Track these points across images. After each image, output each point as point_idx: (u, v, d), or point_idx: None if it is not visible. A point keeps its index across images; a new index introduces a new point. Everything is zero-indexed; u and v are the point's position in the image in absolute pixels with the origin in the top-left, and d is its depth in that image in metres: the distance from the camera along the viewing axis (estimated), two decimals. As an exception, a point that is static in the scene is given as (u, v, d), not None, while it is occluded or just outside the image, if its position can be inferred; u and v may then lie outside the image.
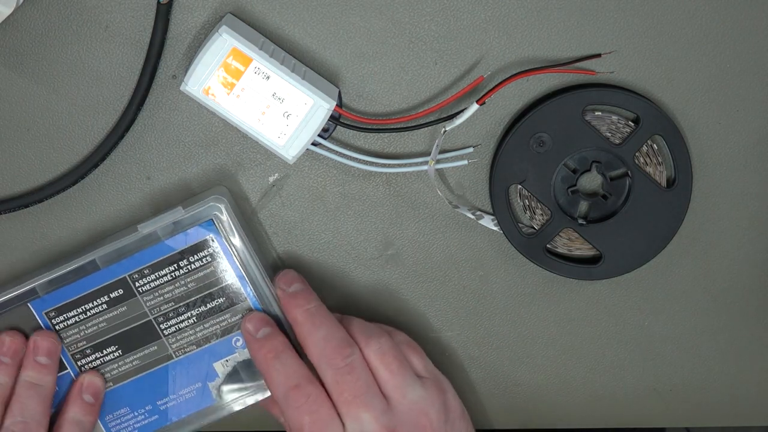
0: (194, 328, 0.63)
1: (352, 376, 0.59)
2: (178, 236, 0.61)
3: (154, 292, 0.62)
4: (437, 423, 0.60)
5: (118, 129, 0.62)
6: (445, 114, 0.62)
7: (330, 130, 0.63)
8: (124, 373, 0.64)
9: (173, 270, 0.62)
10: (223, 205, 0.61)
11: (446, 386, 0.63)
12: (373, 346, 0.60)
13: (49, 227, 0.64)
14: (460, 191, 0.66)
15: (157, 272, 0.62)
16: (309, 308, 0.61)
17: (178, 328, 0.63)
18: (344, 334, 0.60)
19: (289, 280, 0.63)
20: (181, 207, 0.61)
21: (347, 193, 0.65)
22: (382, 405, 0.59)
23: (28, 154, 0.63)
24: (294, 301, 0.62)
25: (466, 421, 0.63)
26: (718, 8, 0.62)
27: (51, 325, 0.62)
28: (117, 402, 0.64)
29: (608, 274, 0.66)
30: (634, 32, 0.62)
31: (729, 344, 0.70)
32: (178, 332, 0.63)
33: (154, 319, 0.63)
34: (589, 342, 0.70)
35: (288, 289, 0.62)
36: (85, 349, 0.63)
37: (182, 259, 0.62)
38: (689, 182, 0.64)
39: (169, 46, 0.61)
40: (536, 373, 0.70)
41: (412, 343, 0.63)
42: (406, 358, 0.61)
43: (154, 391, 0.64)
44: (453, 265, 0.67)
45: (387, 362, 0.60)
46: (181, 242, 0.61)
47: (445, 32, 0.62)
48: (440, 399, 0.61)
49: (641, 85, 0.64)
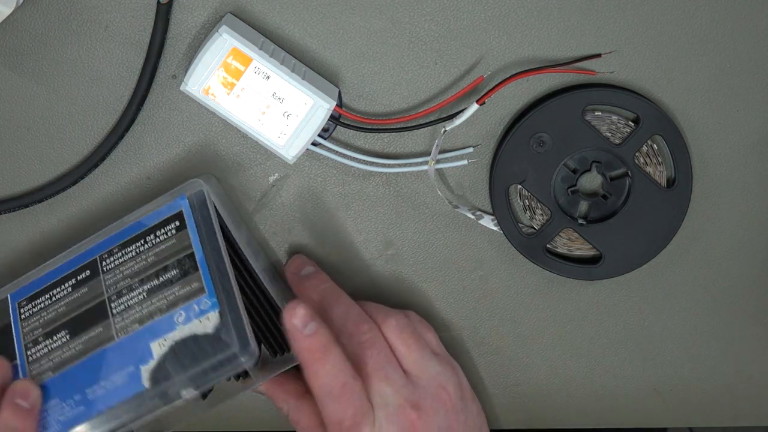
0: (141, 305, 0.58)
1: (372, 350, 0.59)
2: (152, 214, 0.60)
3: (115, 270, 0.59)
4: (455, 398, 0.61)
5: (118, 129, 0.62)
6: (445, 114, 0.62)
7: (330, 130, 0.63)
8: (65, 359, 0.58)
9: (139, 245, 0.59)
10: (203, 184, 0.60)
11: (458, 367, 0.64)
12: (391, 322, 0.61)
13: (49, 227, 0.64)
14: (460, 191, 0.66)
15: (123, 250, 0.60)
16: (325, 288, 0.62)
17: (127, 305, 0.58)
18: (361, 311, 0.61)
19: (299, 264, 0.64)
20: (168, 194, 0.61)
21: (347, 193, 0.65)
22: (403, 379, 0.60)
23: (28, 154, 0.63)
24: (308, 282, 0.63)
25: (476, 403, 0.64)
26: (718, 8, 0.62)
27: (18, 315, 0.60)
28: (51, 393, 0.58)
29: (608, 274, 0.66)
30: (634, 32, 0.62)
31: (729, 344, 0.70)
32: (125, 310, 0.58)
33: (108, 297, 0.59)
34: (589, 342, 0.70)
35: (300, 273, 0.63)
36: (38, 337, 0.59)
37: (149, 234, 0.60)
38: (689, 182, 0.64)
39: (169, 46, 0.61)
40: (536, 373, 0.70)
41: (425, 321, 0.65)
42: (421, 335, 0.62)
43: (86, 379, 0.58)
44: (453, 265, 0.67)
45: (404, 338, 0.61)
46: (154, 219, 0.60)
47: (445, 32, 0.62)
48: (455, 376, 0.63)
49: (641, 85, 0.64)
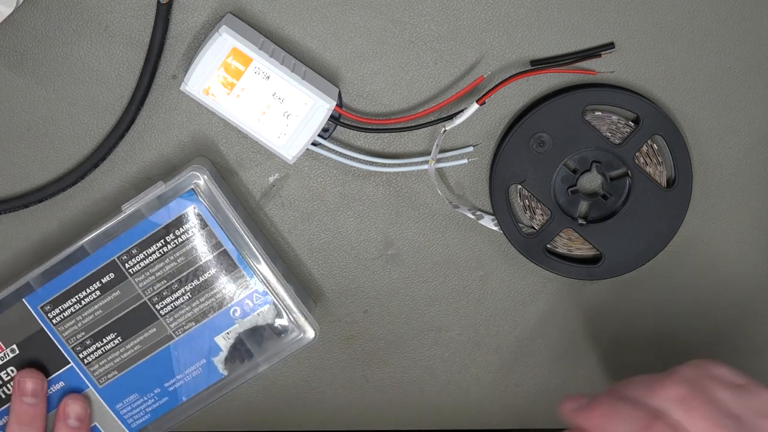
0: (190, 304, 0.62)
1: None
2: (160, 211, 0.61)
3: (144, 271, 0.62)
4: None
5: (118, 129, 0.62)
6: (445, 114, 0.62)
7: (330, 130, 0.63)
8: (128, 359, 0.63)
9: (161, 246, 0.61)
10: (202, 174, 0.60)
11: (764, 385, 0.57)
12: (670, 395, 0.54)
13: (49, 227, 0.64)
14: (460, 191, 0.66)
15: (144, 251, 0.61)
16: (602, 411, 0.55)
17: (174, 306, 0.62)
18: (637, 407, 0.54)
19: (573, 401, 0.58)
20: (161, 182, 0.61)
21: (347, 193, 0.65)
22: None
23: (28, 154, 0.63)
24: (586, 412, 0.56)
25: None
26: (719, 8, 0.62)
27: (48, 320, 0.62)
28: (125, 389, 0.64)
29: (608, 274, 0.66)
30: (634, 32, 0.62)
31: (729, 344, 0.70)
32: (174, 311, 0.62)
33: (149, 299, 0.62)
34: (589, 342, 0.70)
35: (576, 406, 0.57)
36: (84, 340, 0.63)
37: (168, 234, 0.61)
38: (689, 182, 0.64)
39: (169, 46, 0.61)
40: (536, 373, 0.70)
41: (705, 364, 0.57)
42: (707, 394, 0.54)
43: (160, 374, 0.63)
44: (453, 265, 0.67)
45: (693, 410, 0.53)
46: (165, 216, 0.61)
47: (445, 32, 0.62)
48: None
49: (641, 85, 0.64)
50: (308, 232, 0.66)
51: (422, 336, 0.69)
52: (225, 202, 0.61)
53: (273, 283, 0.62)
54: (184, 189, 0.60)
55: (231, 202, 0.62)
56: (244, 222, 0.62)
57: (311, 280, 0.67)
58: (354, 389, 0.70)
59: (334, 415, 0.71)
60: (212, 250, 0.62)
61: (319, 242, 0.66)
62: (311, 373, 0.69)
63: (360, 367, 0.70)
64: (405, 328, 0.68)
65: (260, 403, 0.70)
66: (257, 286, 0.62)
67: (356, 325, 0.68)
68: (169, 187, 0.60)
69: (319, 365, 0.69)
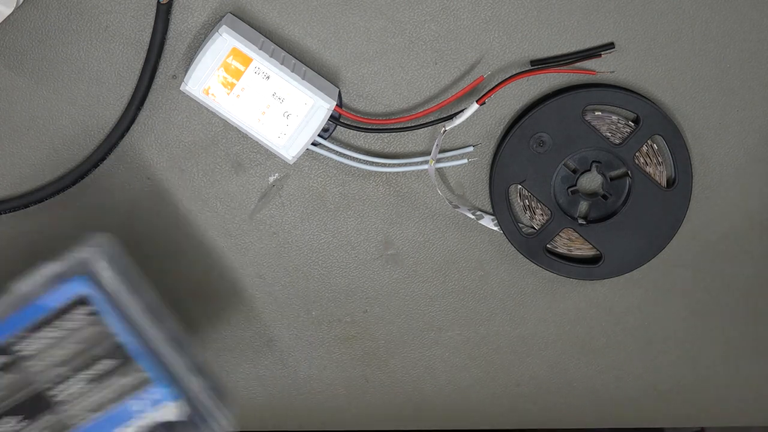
0: (87, 394, 0.58)
1: None
2: (52, 293, 0.57)
3: (39, 357, 0.57)
4: None
5: (118, 129, 0.62)
6: (445, 114, 0.62)
7: (330, 130, 0.63)
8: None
9: (51, 331, 0.57)
10: (101, 257, 0.57)
11: None
12: None
13: (49, 227, 0.64)
14: (460, 191, 0.66)
15: (35, 334, 0.57)
16: None
17: (70, 394, 0.58)
18: None
19: None
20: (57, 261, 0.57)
21: (347, 193, 0.65)
22: None
23: (28, 154, 0.63)
24: None
25: None
26: (719, 9, 0.62)
27: None
28: None
29: (608, 274, 0.66)
30: (634, 32, 0.62)
31: (729, 344, 0.70)
32: (71, 400, 0.58)
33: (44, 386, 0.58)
34: (589, 342, 0.70)
35: None
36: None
37: (57, 319, 0.57)
38: (689, 182, 0.64)
39: (169, 46, 0.61)
40: (536, 373, 0.70)
41: None
42: None
43: None
44: (453, 265, 0.67)
45: None
46: (55, 299, 0.57)
47: (445, 32, 0.62)
48: None
49: (641, 85, 0.64)
50: (308, 232, 0.66)
51: (422, 336, 0.69)
52: (126, 288, 0.57)
53: (179, 376, 0.58)
54: (79, 272, 0.57)
55: (134, 286, 0.58)
56: (149, 309, 0.58)
57: (311, 281, 0.67)
58: (354, 389, 0.70)
59: (334, 415, 0.71)
60: (104, 339, 0.57)
61: (319, 242, 0.66)
62: (311, 373, 0.69)
63: (360, 367, 0.70)
64: (405, 328, 0.68)
65: (260, 403, 0.70)
66: (157, 381, 0.58)
67: (356, 325, 0.68)
68: (64, 268, 0.57)
69: (318, 365, 0.69)
